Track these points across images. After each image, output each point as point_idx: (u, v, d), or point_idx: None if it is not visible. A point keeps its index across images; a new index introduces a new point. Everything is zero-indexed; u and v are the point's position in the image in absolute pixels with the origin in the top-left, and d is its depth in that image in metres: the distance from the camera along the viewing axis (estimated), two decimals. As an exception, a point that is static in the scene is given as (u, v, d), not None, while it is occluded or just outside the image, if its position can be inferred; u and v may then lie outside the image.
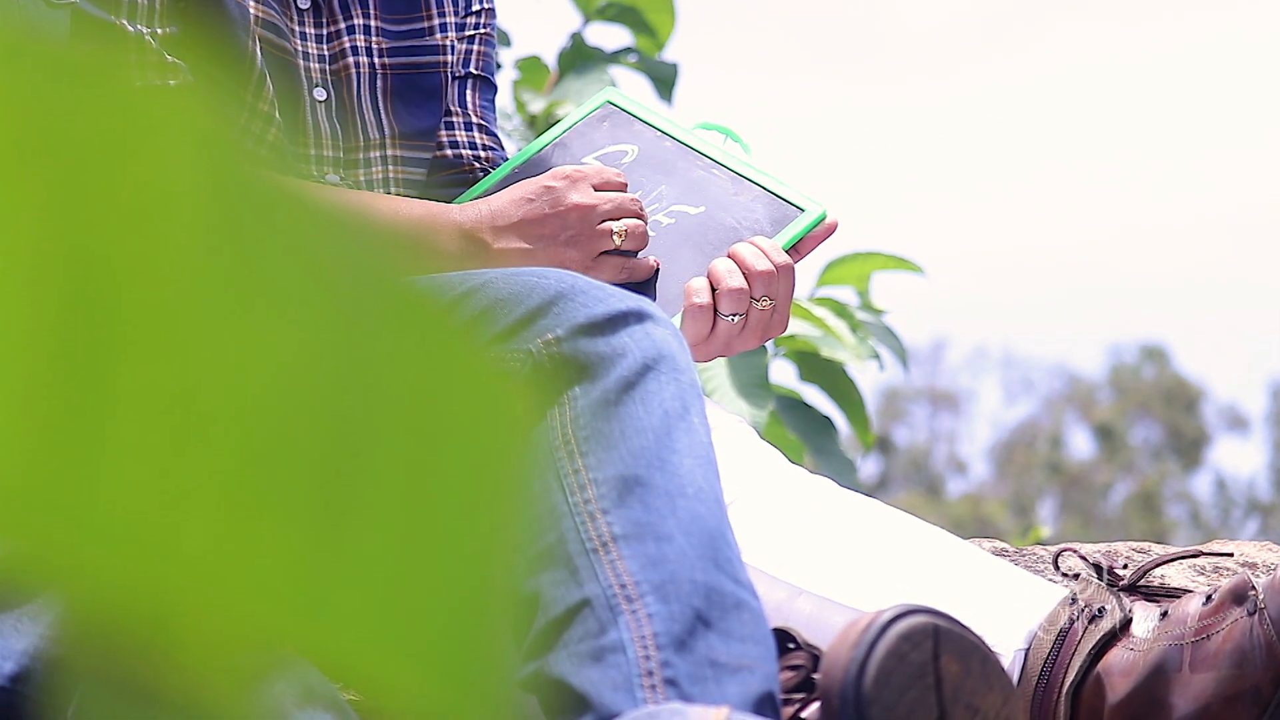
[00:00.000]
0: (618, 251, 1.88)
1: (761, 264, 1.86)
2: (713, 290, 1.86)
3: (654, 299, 1.89)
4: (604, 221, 1.87)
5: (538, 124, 3.47)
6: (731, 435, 1.85)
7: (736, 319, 1.86)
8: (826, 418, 3.46)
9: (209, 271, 0.33)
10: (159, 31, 1.91)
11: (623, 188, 1.90)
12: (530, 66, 3.65)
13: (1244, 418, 29.79)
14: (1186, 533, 28.23)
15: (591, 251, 1.87)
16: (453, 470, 0.36)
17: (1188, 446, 28.77)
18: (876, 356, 3.46)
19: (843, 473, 3.40)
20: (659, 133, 2.03)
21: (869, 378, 3.54)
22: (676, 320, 1.86)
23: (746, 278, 1.86)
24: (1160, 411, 28.79)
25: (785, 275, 1.87)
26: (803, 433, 3.43)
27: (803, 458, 3.44)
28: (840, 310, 3.43)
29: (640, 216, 1.89)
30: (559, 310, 1.48)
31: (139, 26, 1.90)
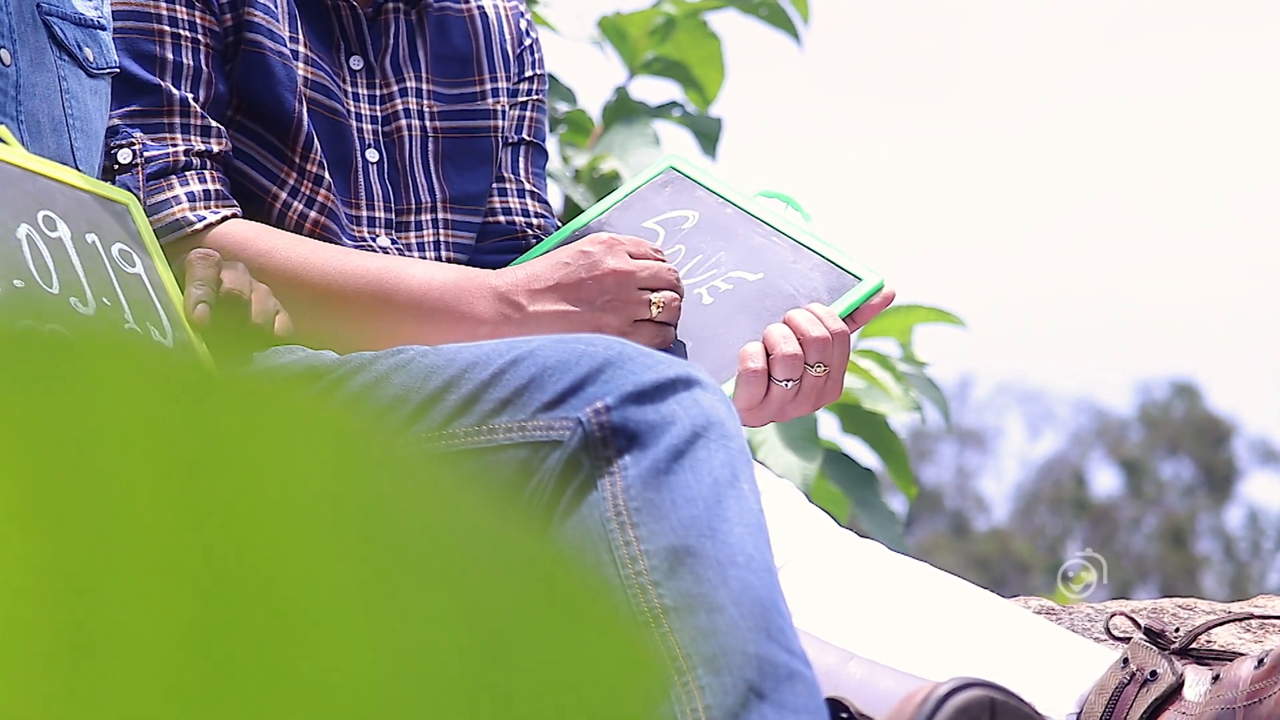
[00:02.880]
0: (654, 321, 1.89)
1: (816, 330, 1.87)
2: (767, 356, 1.88)
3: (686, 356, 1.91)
4: (641, 289, 1.88)
5: (581, 177, 3.49)
6: (780, 498, 1.86)
7: (790, 385, 1.87)
8: (868, 470, 3.47)
9: (350, 575, 0.34)
10: (203, 94, 1.93)
11: (660, 259, 1.91)
12: (574, 120, 3.66)
13: (1276, 451, 29.69)
14: (1219, 567, 28.14)
15: (628, 318, 1.87)
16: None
17: (1219, 482, 28.68)
18: (919, 408, 3.47)
19: (885, 525, 3.42)
20: (720, 199, 2.04)
21: (899, 419, 3.55)
22: (731, 385, 1.88)
23: (801, 344, 1.87)
24: (1191, 448, 28.70)
25: (840, 342, 1.88)
26: (845, 485, 3.44)
27: (845, 510, 3.46)
28: (884, 362, 3.45)
29: (676, 289, 1.90)
30: (607, 377, 1.47)
31: (183, 89, 1.92)
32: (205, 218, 1.89)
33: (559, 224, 2.13)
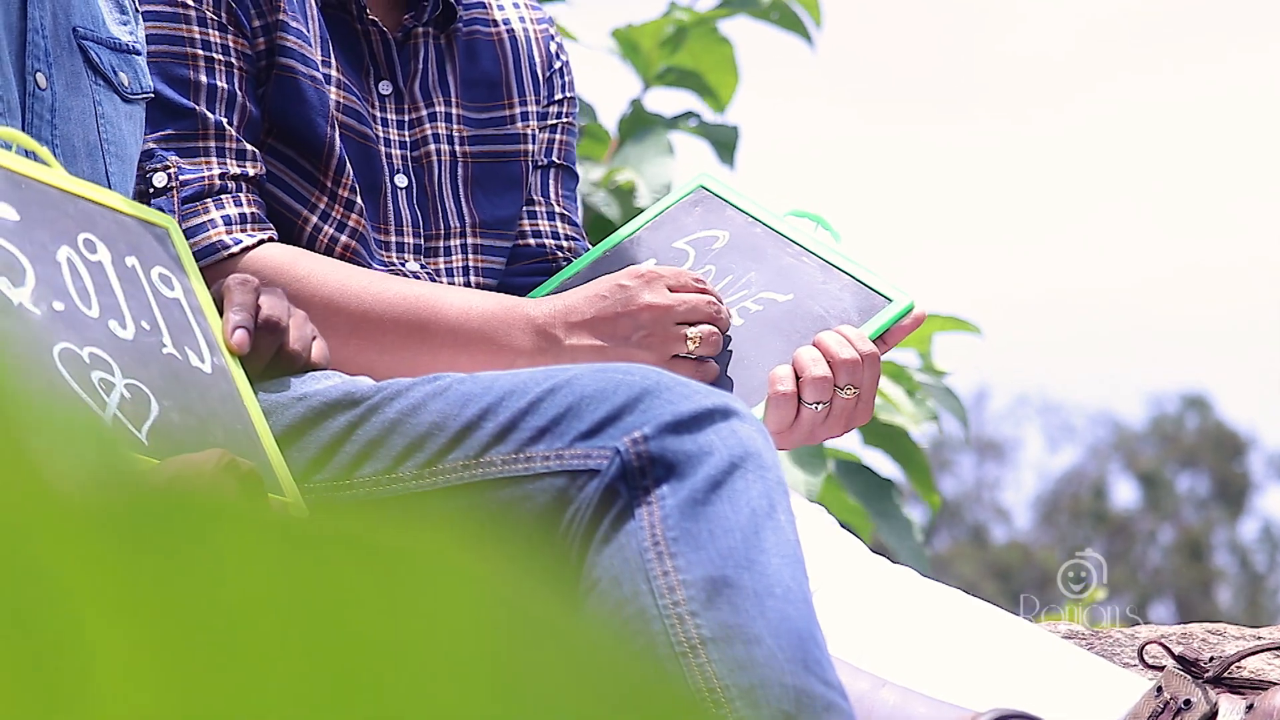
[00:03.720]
0: (691, 357, 1.88)
1: (846, 352, 1.87)
2: (797, 378, 1.88)
3: (731, 387, 1.91)
4: (679, 324, 1.87)
5: (598, 190, 3.49)
6: (812, 524, 1.86)
7: (820, 407, 1.86)
8: (888, 480, 3.47)
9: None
10: (237, 118, 1.93)
11: (700, 290, 1.89)
12: (590, 133, 3.66)
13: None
14: (1234, 580, 28.09)
15: (664, 354, 1.86)
16: None
17: (1234, 495, 28.64)
18: (935, 418, 3.48)
19: (905, 536, 3.42)
20: (750, 218, 2.04)
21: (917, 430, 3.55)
22: (761, 408, 1.88)
23: (831, 366, 1.87)
24: (1206, 461, 28.66)
25: (870, 364, 1.88)
26: (863, 496, 3.44)
27: (864, 522, 3.46)
28: (898, 374, 3.45)
29: (716, 323, 1.88)
30: (645, 407, 1.48)
31: (218, 113, 1.92)
32: (242, 241, 1.89)
33: (589, 246, 2.13)
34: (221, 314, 1.58)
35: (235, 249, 1.89)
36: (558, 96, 2.14)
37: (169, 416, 1.43)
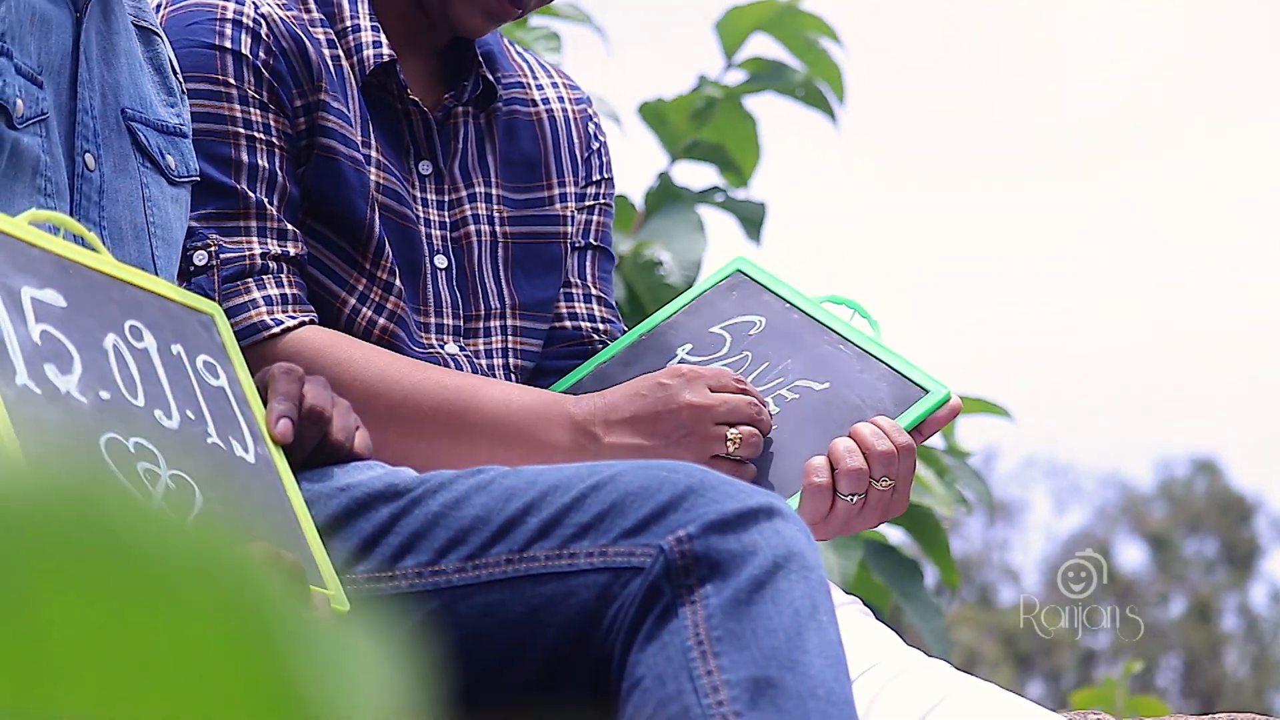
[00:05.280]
0: (730, 458, 1.86)
1: (882, 444, 1.87)
2: (832, 470, 1.88)
3: (774, 481, 1.90)
4: (719, 424, 1.86)
5: (624, 264, 3.49)
6: (848, 616, 1.86)
7: (855, 499, 1.86)
8: (913, 562, 3.47)
9: None
10: (278, 197, 1.93)
11: (742, 391, 1.88)
12: (618, 207, 3.67)
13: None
14: (1241, 646, 28.01)
15: (704, 454, 1.85)
16: None
17: (1242, 559, 28.60)
18: (964, 501, 3.47)
19: (929, 617, 3.41)
20: (787, 304, 2.03)
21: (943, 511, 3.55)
22: (796, 498, 1.88)
23: (866, 458, 1.86)
24: (1214, 524, 28.62)
25: (906, 456, 1.88)
26: (889, 577, 3.44)
27: (887, 601, 3.45)
28: (928, 456, 3.45)
29: (757, 424, 1.87)
30: (689, 505, 1.49)
31: (259, 192, 1.92)
32: (283, 322, 1.88)
33: (625, 328, 2.13)
34: (265, 402, 1.58)
35: (276, 329, 1.88)
36: (595, 177, 2.13)
37: (213, 508, 1.43)
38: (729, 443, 1.86)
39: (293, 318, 1.89)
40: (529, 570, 1.53)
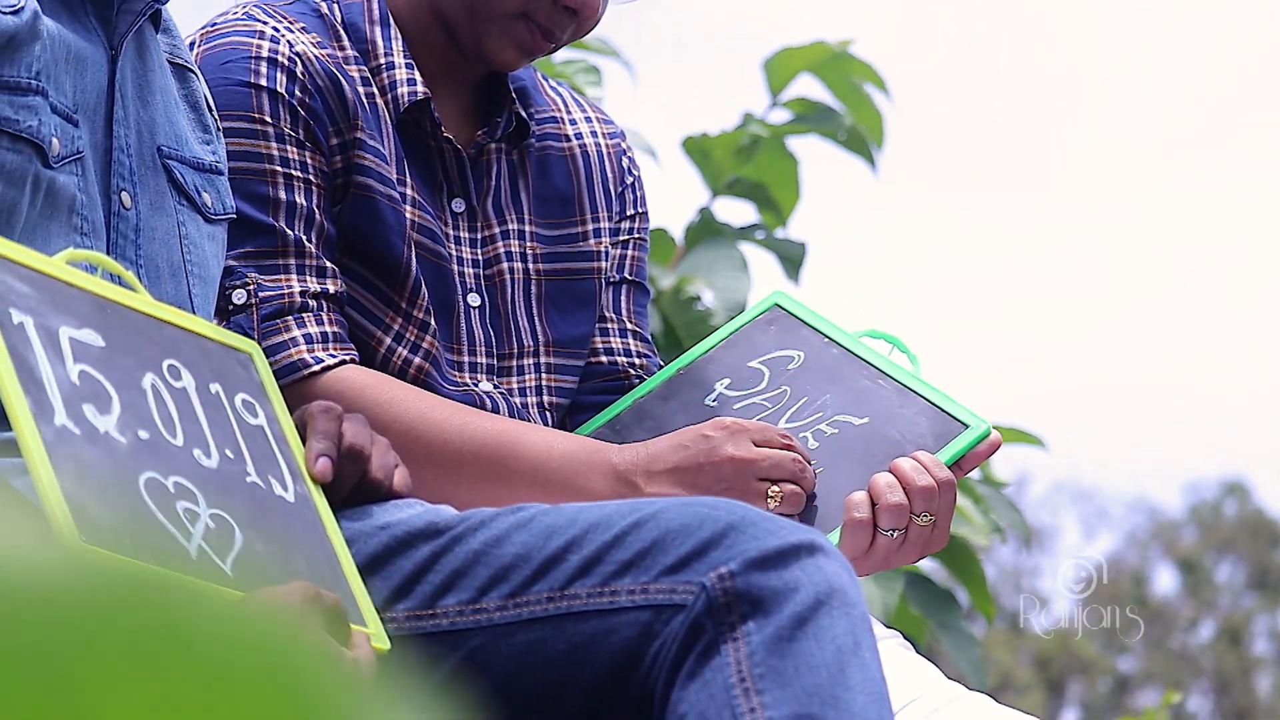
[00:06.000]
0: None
1: (923, 479, 1.86)
2: (873, 505, 1.87)
3: (814, 517, 1.89)
4: (761, 480, 1.84)
5: (662, 299, 3.48)
6: (889, 650, 1.85)
7: (896, 534, 1.85)
8: (949, 592, 3.45)
9: None
10: (316, 235, 1.92)
11: (786, 446, 1.86)
12: (657, 240, 3.66)
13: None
14: (1273, 669, 27.90)
15: None
16: None
17: (1273, 583, 28.50)
18: (1000, 530, 3.46)
19: (966, 649, 3.39)
20: (826, 339, 2.03)
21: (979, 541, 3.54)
22: (836, 534, 1.87)
23: (907, 493, 1.85)
24: (1244, 548, 28.53)
25: (946, 491, 1.87)
26: (924, 608, 3.42)
27: (924, 632, 3.44)
28: (964, 485, 3.44)
29: (799, 481, 1.85)
30: (731, 543, 1.48)
31: (297, 230, 1.91)
32: (323, 360, 1.87)
33: (661, 364, 2.11)
34: (304, 441, 1.58)
35: (316, 368, 1.87)
36: (629, 212, 2.12)
37: (253, 547, 1.42)
38: (770, 499, 1.84)
39: (333, 356, 1.88)
40: (570, 608, 1.52)
